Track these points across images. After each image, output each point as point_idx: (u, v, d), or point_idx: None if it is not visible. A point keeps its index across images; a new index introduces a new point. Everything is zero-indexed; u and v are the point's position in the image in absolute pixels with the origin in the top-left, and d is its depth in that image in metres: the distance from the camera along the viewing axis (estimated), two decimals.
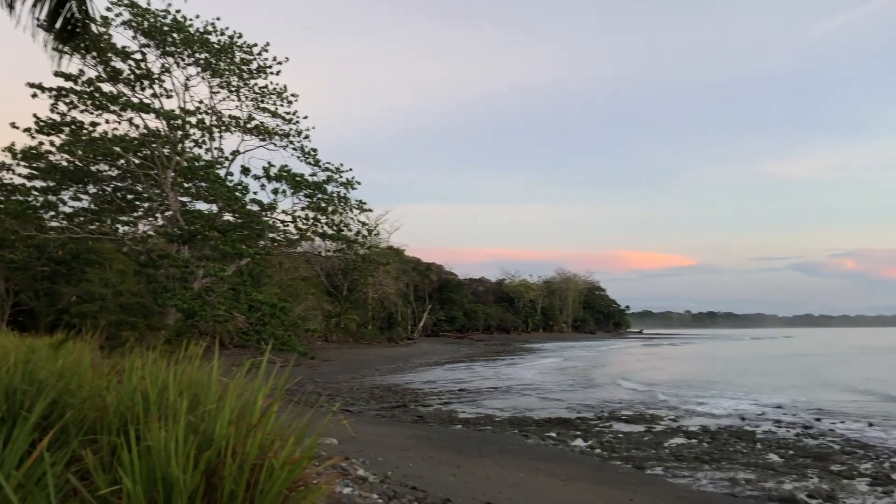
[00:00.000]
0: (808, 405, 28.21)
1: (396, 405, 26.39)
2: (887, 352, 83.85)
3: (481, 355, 69.46)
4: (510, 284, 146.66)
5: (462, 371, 47.28)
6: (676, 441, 18.86)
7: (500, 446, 16.68)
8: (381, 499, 7.40)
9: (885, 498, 12.67)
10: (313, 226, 26.83)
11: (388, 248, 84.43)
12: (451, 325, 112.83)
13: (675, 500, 11.33)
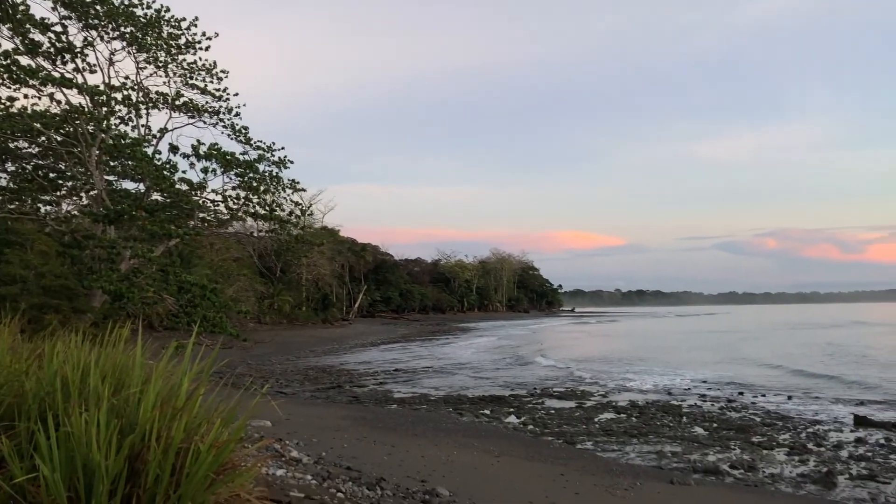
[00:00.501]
0: (730, 380, 29.24)
1: (331, 386, 26.29)
2: (804, 328, 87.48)
3: (417, 335, 69.65)
4: (446, 265, 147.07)
5: (398, 351, 47.35)
6: (606, 416, 19.33)
7: (434, 425, 16.80)
8: (315, 480, 7.37)
9: (801, 466, 13.27)
10: (245, 206, 26.32)
11: (323, 229, 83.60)
12: (387, 306, 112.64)
13: (604, 473, 11.62)
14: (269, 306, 69.04)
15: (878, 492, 11.44)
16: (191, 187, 25.37)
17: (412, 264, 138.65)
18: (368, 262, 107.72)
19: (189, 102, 27.47)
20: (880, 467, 13.11)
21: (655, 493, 10.17)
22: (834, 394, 24.43)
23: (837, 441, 15.76)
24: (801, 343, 55.74)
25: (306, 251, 70.17)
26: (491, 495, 8.53)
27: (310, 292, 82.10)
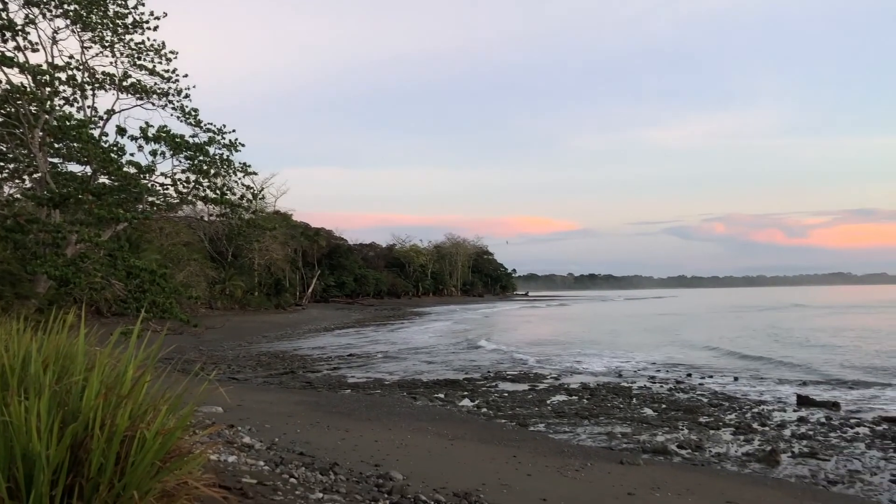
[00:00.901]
0: (679, 362, 29.86)
1: (284, 372, 26.10)
2: (747, 311, 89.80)
3: (372, 320, 69.52)
4: (401, 249, 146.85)
5: (352, 336, 47.22)
6: (558, 398, 19.58)
7: (388, 409, 16.81)
8: (268, 466, 7.31)
9: (746, 445, 13.63)
10: (195, 189, 25.84)
11: (275, 213, 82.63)
12: (341, 291, 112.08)
13: (555, 454, 11.78)
14: (221, 291, 68.16)
15: (819, 468, 11.83)
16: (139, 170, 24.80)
17: (367, 249, 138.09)
18: (322, 247, 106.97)
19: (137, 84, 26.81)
20: (820, 445, 13.54)
21: (606, 473, 10.34)
22: (778, 375, 25.11)
23: (781, 420, 16.22)
24: (744, 326, 57.15)
25: (258, 236, 69.43)
26: (444, 478, 8.58)
27: (262, 277, 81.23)
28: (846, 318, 68.48)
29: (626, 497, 8.55)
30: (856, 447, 13.41)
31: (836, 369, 26.45)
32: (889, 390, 21.09)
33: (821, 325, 55.59)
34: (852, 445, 13.56)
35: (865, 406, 18.33)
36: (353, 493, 6.59)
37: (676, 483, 9.88)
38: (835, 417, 16.52)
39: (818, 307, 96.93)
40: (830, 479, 11.21)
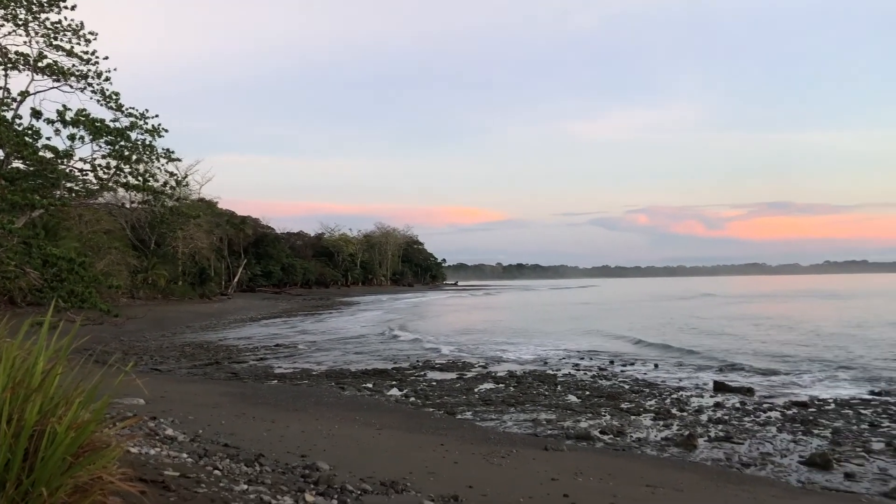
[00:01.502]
0: (602, 350, 30.56)
1: (209, 363, 25.60)
2: (667, 300, 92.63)
3: (300, 310, 68.78)
4: (330, 238, 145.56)
5: (279, 326, 46.63)
6: (486, 386, 19.79)
7: (316, 399, 16.70)
8: (192, 458, 7.18)
9: (666, 430, 14.07)
10: (116, 175, 25.00)
11: (200, 201, 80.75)
12: (268, 281, 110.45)
13: (482, 442, 11.91)
14: (143, 281, 66.26)
15: (733, 452, 12.30)
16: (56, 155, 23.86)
17: (294, 238, 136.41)
18: (248, 236, 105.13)
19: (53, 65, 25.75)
20: (735, 429, 14.08)
21: (531, 459, 10.52)
22: (696, 362, 25.96)
23: (698, 406, 16.78)
24: (663, 315, 58.87)
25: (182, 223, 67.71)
26: (372, 467, 8.58)
27: (186, 266, 79.33)
28: (760, 306, 71.30)
29: (550, 483, 8.71)
30: (768, 431, 13.98)
31: (750, 356, 27.50)
32: (798, 376, 22.05)
33: (737, 314, 57.73)
34: (765, 429, 14.13)
35: (777, 391, 19.12)
36: (278, 483, 6.53)
37: (598, 468, 10.12)
38: (749, 402, 17.19)
39: (735, 297, 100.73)
40: (744, 461, 11.67)
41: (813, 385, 20.19)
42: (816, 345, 31.43)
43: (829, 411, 15.92)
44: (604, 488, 8.67)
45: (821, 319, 49.29)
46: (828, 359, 26.19)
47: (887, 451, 12.28)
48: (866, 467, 11.29)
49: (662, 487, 9.11)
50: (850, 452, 12.17)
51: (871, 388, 19.50)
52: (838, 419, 14.99)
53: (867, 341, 32.51)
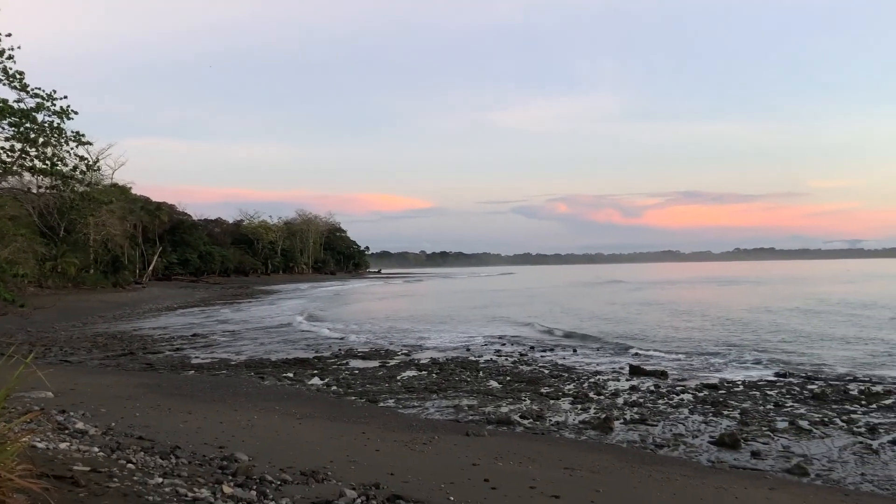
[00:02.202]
0: (523, 335, 31.06)
1: (123, 353, 24.81)
2: (583, 286, 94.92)
3: (218, 299, 67.32)
4: (249, 226, 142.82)
5: (196, 316, 45.54)
6: (408, 374, 19.84)
7: (234, 390, 16.41)
8: (103, 452, 6.95)
9: (583, 414, 14.41)
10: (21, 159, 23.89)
11: (112, 186, 77.96)
12: (185, 269, 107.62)
13: (404, 429, 11.95)
14: (52, 269, 63.57)
15: (648, 433, 12.71)
16: None
17: (213, 225, 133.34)
18: (164, 222, 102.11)
19: None
20: (649, 411, 14.54)
21: (452, 445, 10.62)
22: (613, 346, 26.67)
23: (615, 389, 17.25)
24: (581, 300, 60.27)
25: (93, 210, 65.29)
26: (292, 457, 8.50)
27: (98, 254, 76.51)
28: (673, 293, 73.68)
29: (471, 468, 8.81)
30: (680, 412, 14.50)
31: (665, 341, 28.41)
32: (710, 359, 22.92)
33: (651, 300, 59.53)
34: (677, 411, 14.65)
35: (690, 374, 19.83)
36: (195, 476, 6.40)
37: (518, 452, 10.30)
38: (663, 385, 17.77)
39: (648, 283, 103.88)
40: (658, 442, 12.07)
41: (723, 368, 21.02)
42: (727, 329, 32.71)
43: (738, 393, 16.61)
44: (523, 472, 8.83)
45: (730, 305, 51.33)
46: (737, 343, 27.30)
47: (790, 429, 12.91)
48: (771, 445, 11.85)
49: (580, 469, 9.35)
50: (757, 432, 12.75)
51: (777, 370, 20.43)
52: (746, 400, 15.66)
53: (773, 326, 34.04)
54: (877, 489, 9.62)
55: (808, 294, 64.18)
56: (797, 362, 21.87)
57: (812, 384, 17.64)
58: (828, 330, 31.63)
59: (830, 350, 24.81)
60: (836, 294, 63.06)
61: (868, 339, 27.89)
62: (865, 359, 22.43)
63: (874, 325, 33.47)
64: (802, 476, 10.13)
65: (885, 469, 10.48)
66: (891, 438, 12.18)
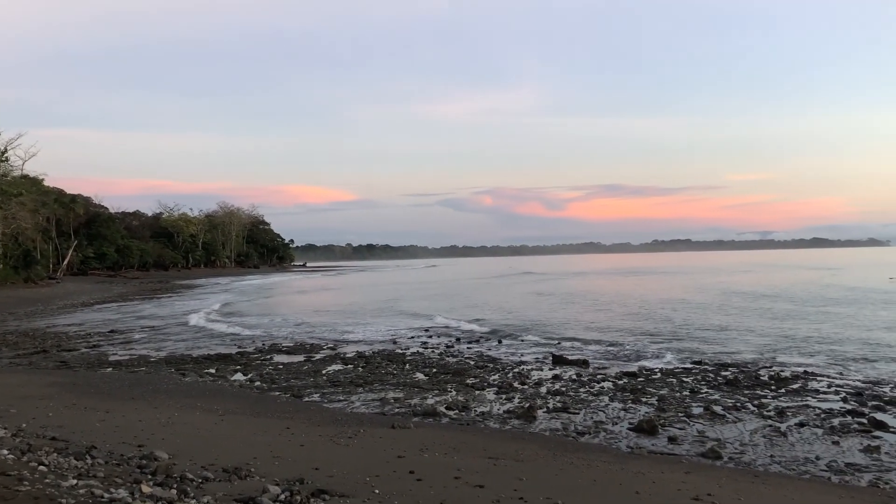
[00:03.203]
0: (450, 327, 31.26)
1: (35, 351, 23.87)
2: (509, 278, 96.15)
3: (136, 294, 65.41)
4: (169, 218, 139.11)
5: (114, 312, 44.15)
6: (334, 368, 19.72)
7: (154, 387, 16.02)
8: (13, 454, 6.72)
9: (508, 403, 14.63)
10: None
11: (23, 178, 74.73)
12: (102, 263, 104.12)
13: (329, 423, 11.90)
14: None
15: (570, 421, 12.99)
16: None
17: (131, 218, 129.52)
18: (80, 215, 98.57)
19: None
20: (571, 400, 14.86)
21: (378, 438, 10.62)
22: (537, 336, 27.10)
23: (538, 379, 17.56)
24: (507, 291, 61.06)
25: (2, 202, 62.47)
26: (214, 454, 8.36)
27: (8, 248, 73.15)
28: (595, 283, 75.35)
29: (397, 460, 8.85)
30: (601, 400, 14.87)
31: (587, 330, 29.04)
32: (629, 348, 23.54)
33: (576, 291, 60.73)
34: (598, 399, 15.02)
35: (610, 363, 20.35)
36: (112, 476, 6.25)
37: (444, 443, 10.39)
38: (584, 374, 18.19)
39: (573, 274, 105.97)
40: (579, 430, 12.36)
41: (642, 356, 21.62)
42: (646, 319, 33.67)
43: (656, 380, 17.13)
44: (448, 462, 8.91)
45: (649, 295, 52.81)
46: (655, 331, 28.14)
47: (705, 415, 13.40)
48: (687, 431, 12.29)
49: (504, 459, 9.49)
50: (674, 417, 13.19)
51: (693, 357, 21.15)
52: (664, 387, 16.17)
53: (689, 315, 35.20)
54: (784, 469, 10.10)
55: (720, 284, 66.62)
56: (712, 350, 22.69)
57: (726, 371, 18.35)
58: (740, 318, 32.92)
59: (743, 337, 25.82)
60: (746, 284, 65.67)
61: (776, 326, 29.15)
62: (774, 345, 23.43)
63: (782, 314, 35.01)
64: (716, 459, 10.54)
65: (792, 450, 11.01)
66: (798, 421, 12.80)
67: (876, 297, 43.79)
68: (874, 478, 9.66)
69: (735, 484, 8.77)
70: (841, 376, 17.42)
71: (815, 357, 20.78)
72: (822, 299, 43.47)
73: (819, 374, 17.64)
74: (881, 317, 31.96)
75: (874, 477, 9.69)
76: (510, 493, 7.23)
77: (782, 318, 32.67)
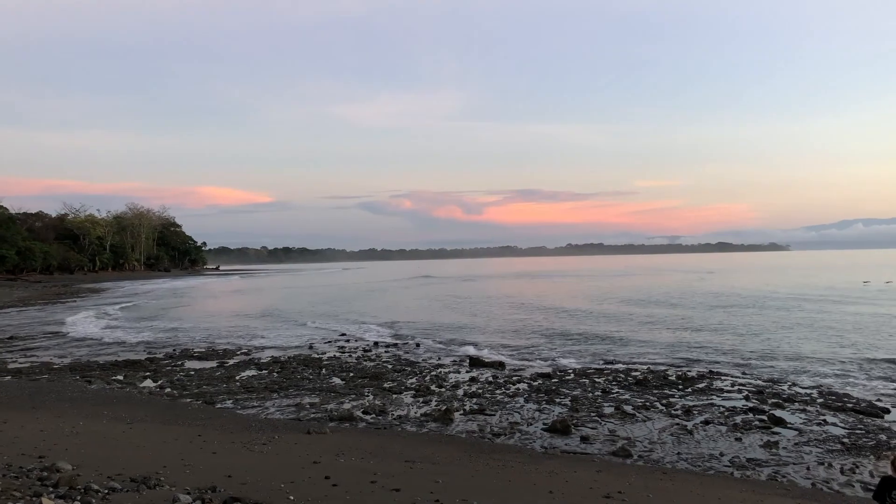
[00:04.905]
0: (367, 331, 31.09)
1: None
2: (425, 280, 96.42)
3: (39, 298, 62.48)
4: (75, 220, 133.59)
5: (14, 317, 42.06)
6: (248, 373, 19.35)
7: (58, 395, 15.35)
8: None
9: (425, 407, 14.68)
10: None
11: None
12: (2, 266, 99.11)
13: (243, 430, 11.67)
14: None
15: (486, 423, 13.14)
16: None
17: (33, 219, 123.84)
18: None
19: None
20: (488, 402, 15.04)
21: (293, 444, 10.48)
22: (455, 339, 27.28)
23: (456, 381, 17.69)
24: (421, 295, 61.17)
25: None
26: (121, 464, 8.08)
27: None
28: (513, 286, 76.31)
29: (312, 466, 8.75)
30: (517, 401, 15.10)
31: (502, 333, 29.40)
32: (545, 350, 23.96)
33: (493, 294, 61.35)
34: (514, 400, 15.24)
35: (526, 364, 20.68)
36: (10, 489, 5.96)
37: (360, 448, 10.34)
38: (500, 376, 18.41)
39: (493, 277, 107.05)
40: (495, 431, 12.51)
41: (556, 357, 22.04)
42: (561, 320, 34.33)
43: (570, 381, 17.50)
44: (365, 467, 8.87)
45: (563, 297, 53.85)
46: (570, 333, 28.72)
47: (616, 414, 13.78)
48: (599, 430, 12.61)
49: (420, 462, 9.52)
50: (586, 417, 13.51)
51: (605, 357, 21.71)
52: (577, 388, 16.54)
53: (602, 316, 36.09)
54: (690, 466, 10.48)
55: (630, 286, 68.54)
56: (623, 350, 23.33)
57: (636, 371, 18.90)
58: (649, 320, 33.95)
59: (652, 338, 26.63)
60: (656, 286, 67.78)
61: (683, 327, 30.20)
62: (681, 345, 24.27)
63: (688, 315, 36.30)
64: (626, 458, 10.85)
65: (698, 447, 11.44)
66: (703, 419, 13.31)
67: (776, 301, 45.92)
68: (773, 472, 10.14)
69: (644, 481, 9.04)
70: (743, 375, 18.20)
71: (721, 356, 21.63)
72: (725, 301, 45.27)
73: (723, 374, 18.39)
74: (780, 317, 33.50)
75: (773, 471, 10.17)
76: (426, 495, 7.26)
77: (688, 319, 33.86)
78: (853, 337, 25.51)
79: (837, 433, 12.19)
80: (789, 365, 19.71)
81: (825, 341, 24.53)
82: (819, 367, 19.20)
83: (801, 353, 21.91)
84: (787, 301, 44.12)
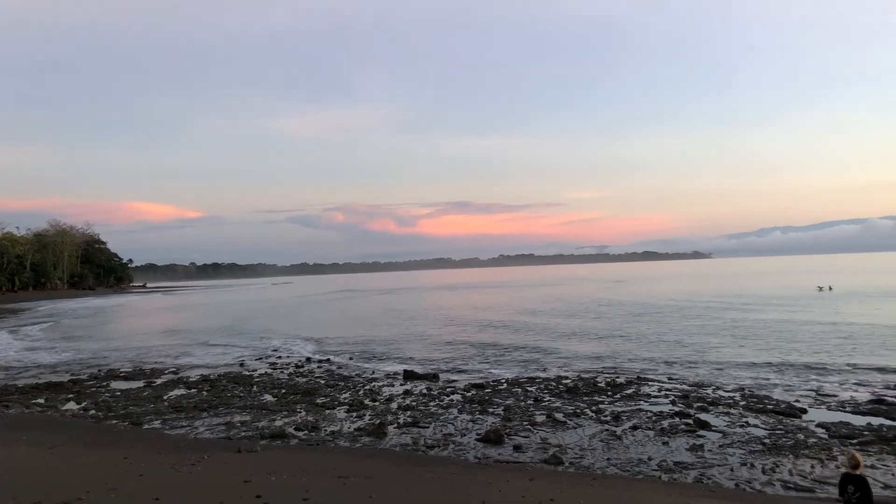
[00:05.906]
0: (298, 347, 30.73)
1: None
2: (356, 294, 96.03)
3: None
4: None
5: None
6: (176, 393, 18.90)
7: None
8: None
9: (359, 421, 14.59)
10: None
11: None
12: None
13: (171, 451, 11.38)
14: None
15: (420, 435, 13.14)
16: None
17: None
18: None
19: None
20: (422, 414, 15.05)
21: (223, 463, 10.28)
22: (386, 353, 27.23)
23: (390, 395, 17.65)
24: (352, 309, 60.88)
25: None
26: (42, 491, 7.79)
27: None
28: (444, 298, 76.55)
29: (243, 485, 8.60)
30: (450, 413, 15.16)
31: (436, 345, 29.49)
32: (477, 361, 24.11)
33: (425, 306, 61.41)
34: (447, 412, 15.30)
35: (459, 375, 20.77)
36: None
37: (292, 465, 10.20)
38: (434, 388, 18.45)
39: (422, 289, 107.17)
40: (429, 443, 12.53)
41: (489, 368, 22.21)
42: (493, 331, 34.61)
43: (502, 391, 17.66)
44: (297, 484, 8.76)
45: (494, 308, 54.29)
46: (502, 343, 28.98)
47: (547, 422, 13.97)
48: (531, 438, 12.76)
49: (354, 477, 9.45)
50: (519, 426, 13.66)
51: (537, 365, 21.99)
52: (509, 397, 16.71)
53: (538, 326, 36.52)
54: (619, 471, 10.70)
55: (559, 295, 69.60)
56: (554, 358, 23.68)
57: (566, 378, 19.20)
58: (578, 327, 34.53)
59: (582, 345, 27.10)
60: (584, 295, 68.99)
61: (612, 334, 30.83)
62: (610, 352, 24.77)
63: (615, 322, 37.08)
64: (558, 465, 11.01)
65: (627, 452, 11.70)
66: (632, 424, 13.61)
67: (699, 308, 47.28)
68: (699, 474, 10.44)
69: (575, 488, 9.19)
70: (670, 380, 18.69)
71: (647, 363, 22.15)
72: (649, 309, 46.38)
73: (651, 379, 18.85)
74: (703, 324, 34.51)
75: (699, 473, 10.47)
76: None
77: (616, 328, 34.56)
78: (773, 341, 26.47)
79: (759, 434, 12.63)
80: (713, 369, 20.33)
81: (747, 346, 25.38)
82: (741, 371, 19.87)
83: (723, 357, 22.62)
84: (708, 308, 45.47)
